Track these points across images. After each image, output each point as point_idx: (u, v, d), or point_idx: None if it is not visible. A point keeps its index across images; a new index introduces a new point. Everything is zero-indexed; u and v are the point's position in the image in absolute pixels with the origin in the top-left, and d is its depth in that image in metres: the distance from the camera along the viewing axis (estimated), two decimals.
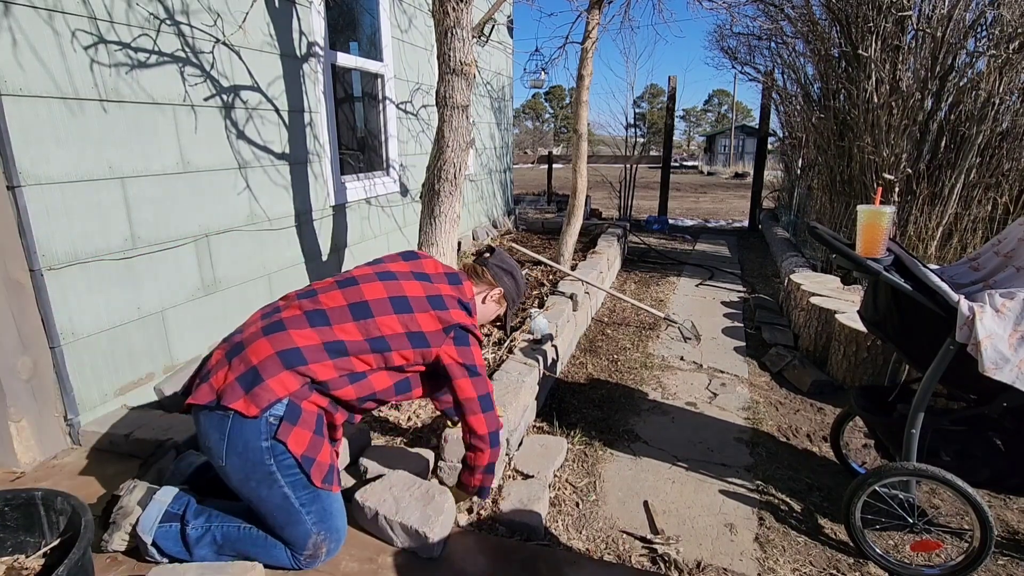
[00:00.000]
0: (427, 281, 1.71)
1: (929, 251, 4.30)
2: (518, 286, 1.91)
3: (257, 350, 1.49)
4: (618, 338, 3.85)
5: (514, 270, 1.90)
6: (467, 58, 2.55)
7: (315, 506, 1.52)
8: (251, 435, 1.44)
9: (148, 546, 1.52)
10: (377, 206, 4.17)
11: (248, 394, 1.43)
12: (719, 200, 14.82)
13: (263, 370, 1.45)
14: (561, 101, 56.63)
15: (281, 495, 1.48)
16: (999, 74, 3.94)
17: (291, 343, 1.50)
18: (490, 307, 1.89)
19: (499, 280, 1.86)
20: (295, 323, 1.54)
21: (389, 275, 1.68)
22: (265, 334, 1.52)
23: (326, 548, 1.56)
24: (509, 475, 2.16)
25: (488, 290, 1.86)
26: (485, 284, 1.86)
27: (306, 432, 1.49)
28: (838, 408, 2.87)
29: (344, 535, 1.61)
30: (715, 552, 1.87)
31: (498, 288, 1.86)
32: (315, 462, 1.51)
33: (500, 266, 1.88)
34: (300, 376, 1.48)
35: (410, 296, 1.64)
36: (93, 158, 2.13)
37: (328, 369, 1.52)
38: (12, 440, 1.98)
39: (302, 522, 1.51)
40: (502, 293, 1.87)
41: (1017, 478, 1.73)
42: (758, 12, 6.53)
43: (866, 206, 1.75)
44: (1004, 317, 1.52)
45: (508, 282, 1.88)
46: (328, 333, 1.54)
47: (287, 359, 1.48)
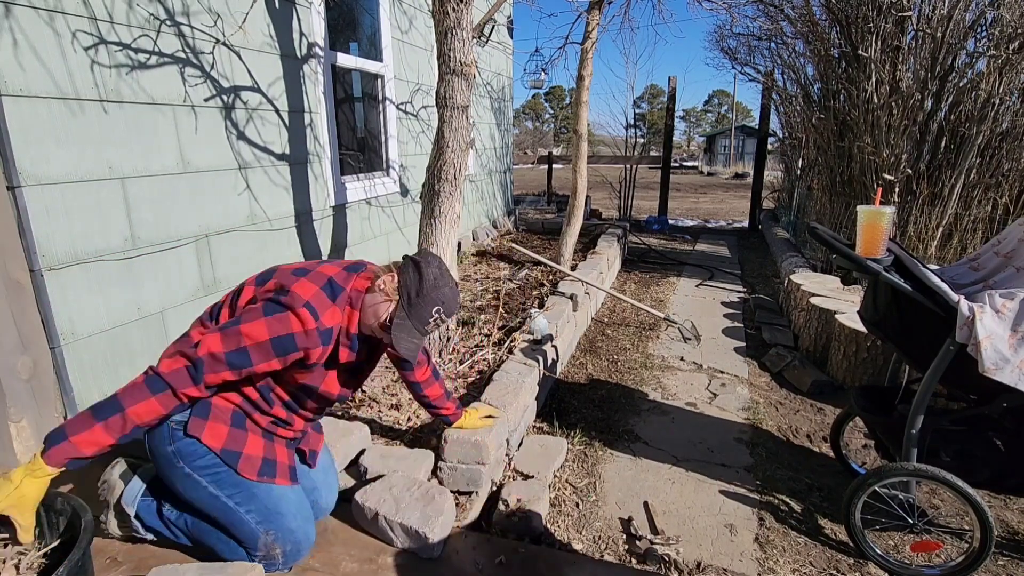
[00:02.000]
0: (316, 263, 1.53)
1: (929, 251, 4.30)
2: (422, 280, 1.43)
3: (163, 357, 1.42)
4: (618, 338, 3.85)
5: (426, 264, 1.46)
6: (467, 59, 2.55)
7: (253, 504, 1.47)
8: (156, 443, 1.44)
9: (132, 519, 1.55)
10: (377, 206, 4.17)
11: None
12: (719, 200, 14.82)
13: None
14: (561, 101, 56.66)
15: (208, 495, 1.45)
16: (999, 74, 3.94)
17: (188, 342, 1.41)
18: (376, 297, 1.46)
19: (401, 269, 1.48)
20: (192, 328, 1.50)
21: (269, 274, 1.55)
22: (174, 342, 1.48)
23: (280, 549, 1.49)
24: (509, 475, 2.16)
25: (383, 275, 1.49)
26: (384, 274, 1.50)
27: (221, 426, 1.44)
28: (838, 408, 2.87)
29: (304, 537, 1.53)
30: (715, 552, 1.87)
31: (391, 274, 1.48)
32: (241, 455, 1.46)
33: (413, 257, 1.49)
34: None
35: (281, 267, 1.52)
36: (93, 158, 2.13)
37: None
38: (12, 440, 1.98)
39: (244, 522, 1.47)
40: (394, 278, 1.47)
41: (1017, 478, 1.73)
42: (758, 12, 6.55)
43: (866, 206, 1.76)
44: (1004, 317, 1.52)
45: (409, 272, 1.45)
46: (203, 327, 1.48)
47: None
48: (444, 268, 1.51)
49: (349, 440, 2.01)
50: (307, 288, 1.39)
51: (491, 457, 1.99)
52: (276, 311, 1.35)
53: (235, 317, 1.39)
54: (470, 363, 2.83)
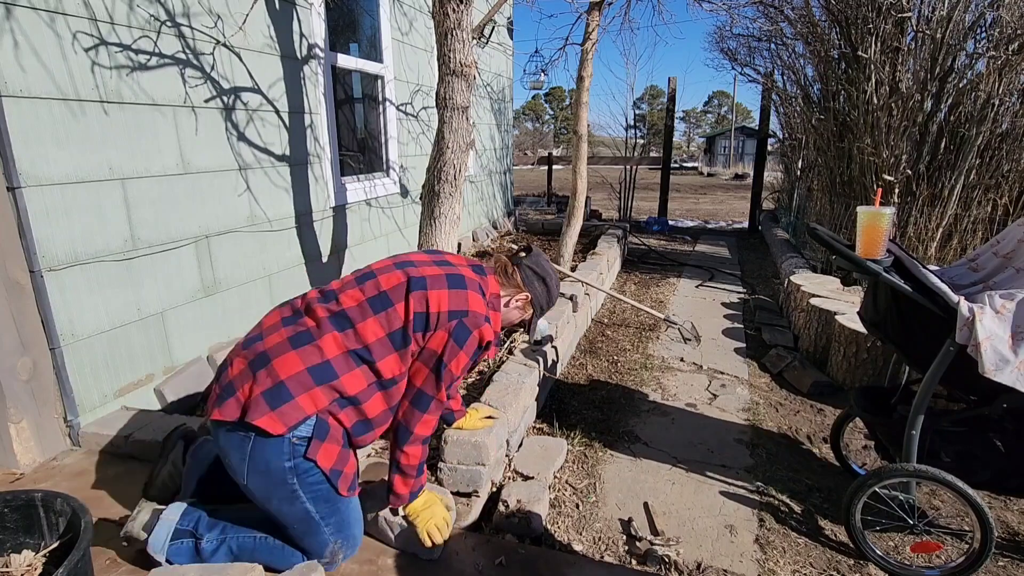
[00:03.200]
0: (449, 265, 1.60)
1: (929, 252, 4.30)
2: (549, 294, 1.73)
3: (285, 364, 1.42)
4: (618, 339, 3.85)
5: (548, 276, 1.72)
6: (467, 60, 2.55)
7: (334, 518, 1.51)
8: (273, 455, 1.40)
9: (164, 564, 1.49)
10: (377, 207, 4.17)
11: (275, 411, 1.38)
12: (719, 201, 14.83)
13: (292, 386, 1.40)
14: (561, 102, 56.67)
15: (303, 511, 1.46)
16: (998, 75, 3.94)
17: (320, 356, 1.44)
18: (513, 313, 1.72)
19: (528, 285, 1.70)
20: (321, 330, 1.48)
21: (408, 263, 1.59)
22: (293, 346, 1.45)
23: (343, 554, 1.56)
24: (509, 476, 2.16)
25: (515, 293, 1.70)
26: (512, 287, 1.70)
27: (334, 447, 1.46)
28: (838, 409, 2.87)
29: (360, 541, 1.61)
30: (715, 553, 1.87)
31: (525, 293, 1.70)
32: (342, 474, 1.49)
33: (533, 269, 1.70)
34: (330, 391, 1.44)
35: (428, 275, 1.53)
36: (93, 159, 2.14)
37: (357, 380, 1.46)
38: (12, 441, 1.98)
39: (321, 532, 1.50)
40: (528, 299, 1.71)
41: (1017, 479, 1.73)
42: (758, 13, 6.54)
43: (866, 207, 1.76)
44: (1004, 318, 1.52)
45: (539, 288, 1.71)
46: (352, 337, 1.47)
47: (317, 374, 1.43)
48: (553, 269, 1.75)
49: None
50: (478, 302, 1.54)
51: (491, 458, 1.99)
52: (467, 336, 1.50)
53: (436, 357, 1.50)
54: None
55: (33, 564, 1.36)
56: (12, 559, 1.36)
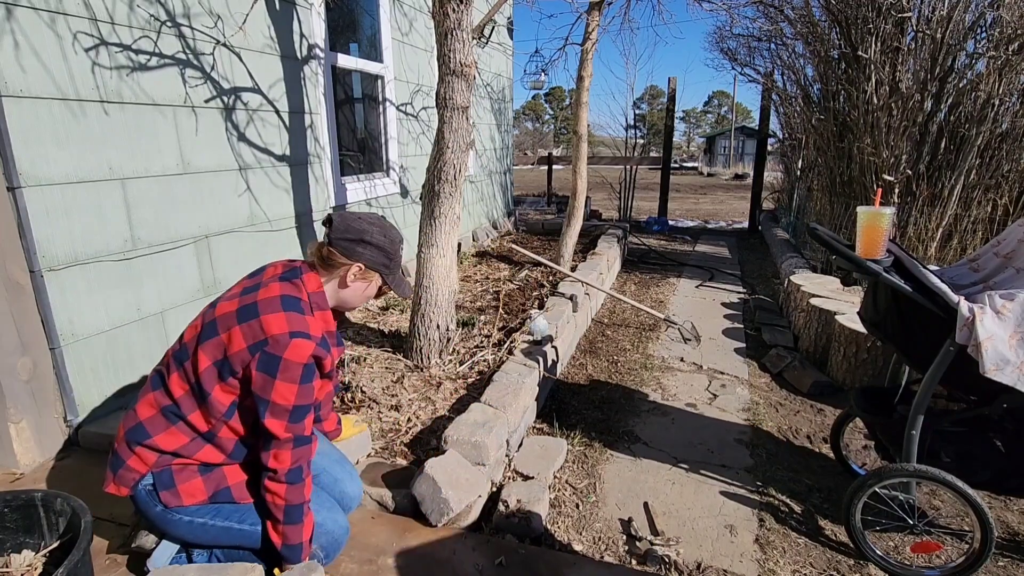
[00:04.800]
0: (251, 291, 1.43)
1: (929, 252, 4.30)
2: (381, 248, 1.54)
3: (119, 430, 1.44)
4: (618, 339, 3.85)
5: (365, 233, 1.51)
6: (467, 59, 2.55)
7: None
8: (144, 507, 1.42)
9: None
10: (377, 207, 4.17)
11: (115, 478, 1.40)
12: (719, 201, 14.83)
13: (121, 451, 1.41)
14: (561, 102, 56.66)
15: (220, 530, 1.43)
16: (999, 75, 3.94)
17: (135, 419, 1.41)
18: (357, 287, 1.56)
19: (352, 255, 1.50)
20: (144, 392, 1.45)
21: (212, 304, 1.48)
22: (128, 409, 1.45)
23: (317, 545, 1.50)
24: (509, 476, 2.16)
25: (344, 271, 1.53)
26: (339, 266, 1.52)
27: (194, 482, 1.41)
28: (838, 409, 2.87)
29: (334, 526, 1.53)
30: (715, 553, 1.87)
31: (355, 264, 1.52)
32: (230, 488, 1.44)
33: (344, 238, 1.50)
34: (149, 451, 1.39)
35: (219, 316, 1.39)
36: (93, 159, 2.14)
37: (173, 437, 1.39)
38: (12, 441, 1.98)
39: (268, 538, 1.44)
40: (361, 268, 1.53)
41: (1017, 479, 1.73)
42: (758, 13, 6.55)
43: (866, 207, 1.76)
44: (1004, 318, 1.52)
45: (364, 251, 1.51)
46: (163, 395, 1.41)
47: (132, 436, 1.40)
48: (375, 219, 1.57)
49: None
50: (277, 322, 1.34)
51: (491, 458, 1.99)
52: (276, 363, 1.31)
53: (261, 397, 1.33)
54: (470, 364, 2.83)
55: (33, 564, 1.36)
56: (12, 559, 1.36)
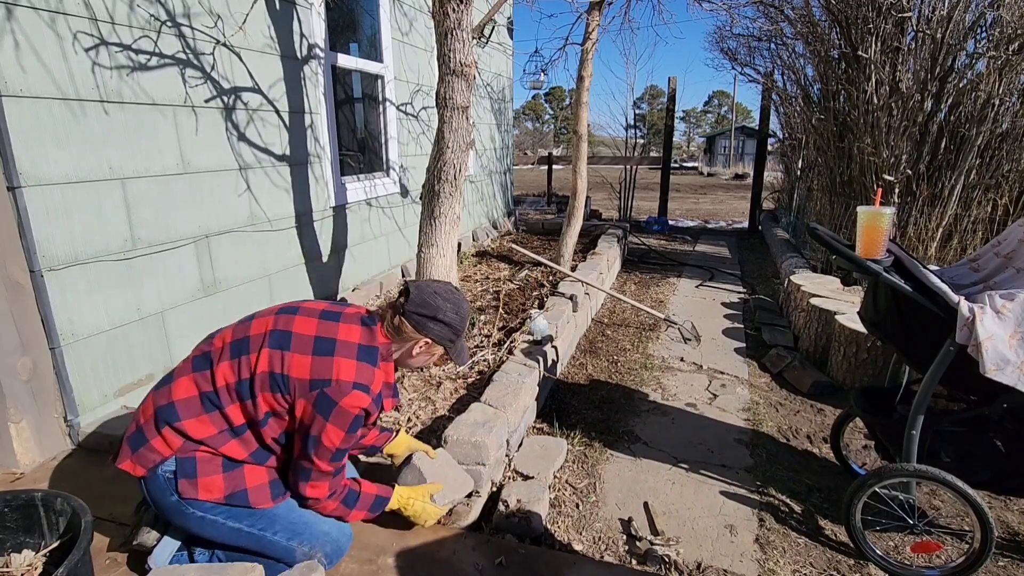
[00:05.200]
0: (329, 320, 1.47)
1: (929, 252, 4.30)
2: (450, 326, 1.53)
3: (146, 406, 1.42)
4: (618, 339, 3.85)
5: (439, 311, 1.51)
6: (467, 59, 2.55)
7: (277, 526, 1.45)
8: (157, 493, 1.39)
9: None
10: (377, 207, 4.17)
11: (134, 454, 1.38)
12: (719, 201, 14.83)
13: (147, 429, 1.39)
14: (561, 102, 56.65)
15: (229, 530, 1.42)
16: (999, 75, 3.94)
17: (168, 397, 1.40)
18: (420, 357, 1.58)
19: (422, 330, 1.51)
20: (183, 371, 1.44)
21: (291, 309, 1.50)
22: (155, 388, 1.43)
23: (321, 553, 1.50)
24: (509, 476, 2.16)
25: (412, 343, 1.53)
26: (407, 339, 1.53)
27: (214, 477, 1.39)
28: (838, 409, 2.87)
29: (341, 535, 1.55)
30: (715, 553, 1.87)
31: (423, 339, 1.53)
32: (247, 492, 1.42)
33: (419, 313, 1.50)
34: (176, 434, 1.38)
35: (296, 332, 1.42)
36: (93, 159, 2.14)
37: (203, 425, 1.39)
38: (12, 441, 1.98)
39: (274, 543, 1.45)
40: (429, 343, 1.54)
41: (1017, 479, 1.73)
42: (758, 13, 6.55)
43: (866, 207, 1.76)
44: (1004, 318, 1.52)
45: (434, 328, 1.51)
46: (205, 380, 1.41)
47: (163, 415, 1.39)
48: (450, 295, 1.56)
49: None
50: (347, 369, 1.39)
51: (491, 458, 1.99)
52: (331, 407, 1.36)
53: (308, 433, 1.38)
54: (470, 364, 2.83)
55: (33, 564, 1.36)
56: (12, 559, 1.36)
